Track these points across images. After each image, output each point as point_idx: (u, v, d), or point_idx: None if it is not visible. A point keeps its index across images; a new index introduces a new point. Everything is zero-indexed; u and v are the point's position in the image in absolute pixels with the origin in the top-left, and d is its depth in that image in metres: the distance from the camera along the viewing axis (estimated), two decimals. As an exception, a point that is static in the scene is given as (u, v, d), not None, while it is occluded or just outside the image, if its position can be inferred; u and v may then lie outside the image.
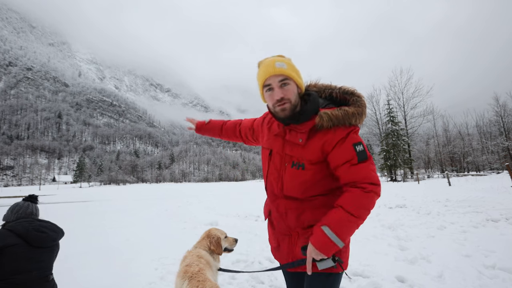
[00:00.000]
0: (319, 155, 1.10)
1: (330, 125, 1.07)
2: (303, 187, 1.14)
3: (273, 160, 1.22)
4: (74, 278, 3.16)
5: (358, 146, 1.07)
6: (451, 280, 2.61)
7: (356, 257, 3.36)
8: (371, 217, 6.25)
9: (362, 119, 1.12)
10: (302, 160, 1.13)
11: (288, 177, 1.16)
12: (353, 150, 1.06)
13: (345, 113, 1.07)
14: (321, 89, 1.21)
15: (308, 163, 1.12)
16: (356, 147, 1.07)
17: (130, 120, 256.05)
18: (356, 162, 1.06)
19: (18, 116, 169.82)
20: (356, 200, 1.02)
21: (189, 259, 1.70)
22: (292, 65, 1.12)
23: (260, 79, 1.13)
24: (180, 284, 1.51)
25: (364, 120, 1.14)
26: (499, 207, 6.23)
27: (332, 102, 1.17)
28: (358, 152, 1.06)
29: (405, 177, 27.34)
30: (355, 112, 1.09)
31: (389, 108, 29.40)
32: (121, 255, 4.08)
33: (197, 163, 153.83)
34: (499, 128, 30.51)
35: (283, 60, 1.10)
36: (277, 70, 1.07)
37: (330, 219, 1.03)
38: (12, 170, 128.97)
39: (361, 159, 1.06)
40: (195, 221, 7.00)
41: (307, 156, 1.12)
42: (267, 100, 1.17)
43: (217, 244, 1.98)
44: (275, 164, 1.21)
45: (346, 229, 1.02)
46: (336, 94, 1.18)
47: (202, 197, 16.27)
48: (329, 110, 1.09)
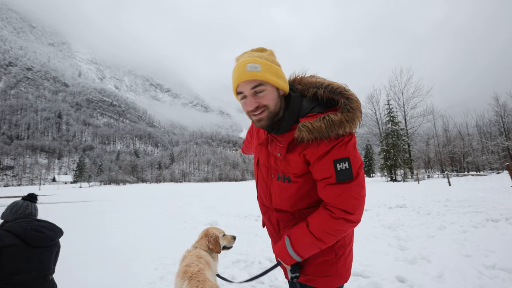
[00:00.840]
0: (303, 167, 0.98)
1: (311, 138, 0.91)
2: (292, 201, 1.04)
3: (261, 170, 1.14)
4: (74, 278, 3.16)
5: (340, 163, 0.90)
6: (451, 280, 2.61)
7: (356, 257, 3.35)
8: (371, 217, 6.25)
9: (355, 125, 0.92)
10: (287, 173, 1.01)
11: (275, 190, 1.07)
12: (332, 168, 0.91)
13: (330, 123, 0.88)
14: (306, 87, 1.02)
15: (293, 176, 1.01)
16: (337, 165, 0.90)
17: (130, 120, 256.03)
18: (333, 181, 0.91)
19: (18, 116, 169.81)
20: (321, 223, 0.94)
21: (188, 259, 1.70)
22: (268, 64, 0.91)
23: (233, 85, 0.96)
24: (180, 284, 1.51)
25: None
26: (499, 207, 6.23)
27: (318, 104, 0.98)
28: (338, 171, 0.90)
29: (405, 177, 27.33)
30: (342, 120, 0.89)
31: (389, 108, 29.39)
32: (121, 255, 4.08)
33: (197, 163, 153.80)
34: (499, 128, 30.51)
35: (256, 60, 0.90)
36: (248, 74, 0.89)
37: (293, 233, 1.01)
38: (12, 170, 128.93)
39: (340, 179, 0.90)
40: (195, 221, 7.00)
41: (290, 170, 1.00)
42: (243, 107, 0.99)
43: (215, 243, 1.99)
44: (263, 175, 1.13)
45: (304, 247, 0.98)
46: (321, 94, 0.97)
47: (202, 197, 16.27)
48: (310, 119, 0.92)
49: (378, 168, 36.81)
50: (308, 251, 0.99)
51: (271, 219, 1.14)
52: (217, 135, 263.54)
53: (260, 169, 1.14)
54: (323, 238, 0.95)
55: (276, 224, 1.12)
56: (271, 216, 1.13)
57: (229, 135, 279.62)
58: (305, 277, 1.06)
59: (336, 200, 0.92)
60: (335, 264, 1.04)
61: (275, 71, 0.93)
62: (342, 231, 0.95)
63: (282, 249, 1.03)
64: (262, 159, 1.12)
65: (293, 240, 0.99)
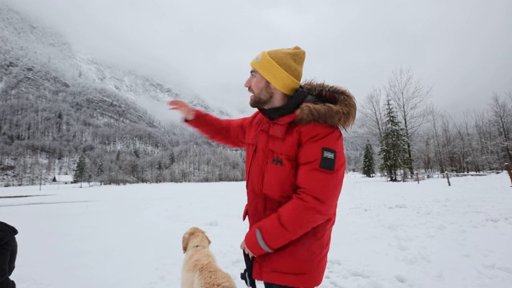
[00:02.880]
0: (295, 148, 1.03)
1: (310, 119, 0.99)
2: (281, 185, 1.06)
3: (257, 157, 1.16)
4: (74, 278, 3.17)
5: (328, 152, 0.96)
6: (450, 280, 2.62)
7: (356, 257, 3.37)
8: (371, 217, 6.26)
9: (349, 121, 1.02)
10: (281, 155, 1.06)
11: (268, 174, 1.09)
12: (320, 153, 0.96)
13: (328, 109, 0.99)
14: (313, 87, 1.16)
15: (285, 158, 1.04)
16: (325, 152, 0.96)
17: (130, 120, 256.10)
18: (316, 166, 0.96)
19: (19, 116, 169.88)
20: (293, 214, 0.97)
21: (196, 256, 1.71)
22: (267, 60, 1.08)
23: None
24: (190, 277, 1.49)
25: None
26: (499, 207, 6.24)
27: (320, 100, 1.09)
28: (323, 158, 0.96)
29: (405, 177, 27.34)
30: (339, 110, 1.00)
31: (389, 108, 29.40)
32: (121, 255, 4.08)
33: (197, 163, 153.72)
34: (499, 128, 30.53)
35: (263, 54, 1.10)
36: (252, 61, 1.14)
37: (264, 224, 1.03)
38: (12, 170, 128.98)
39: (322, 166, 0.95)
40: (195, 221, 7.00)
41: (284, 150, 1.05)
42: None
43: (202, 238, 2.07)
44: (258, 161, 1.15)
45: (275, 238, 1.00)
46: (325, 93, 1.12)
47: (202, 197, 16.27)
48: (312, 104, 1.03)
49: (378, 168, 36.81)
50: (278, 243, 1.01)
51: (258, 206, 1.14)
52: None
53: (256, 156, 1.17)
54: (294, 230, 0.98)
55: (262, 212, 1.12)
56: (259, 204, 1.14)
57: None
58: (275, 274, 1.04)
59: (312, 185, 0.96)
60: (311, 262, 1.03)
61: (269, 67, 1.08)
62: (312, 222, 0.98)
63: (253, 240, 1.05)
64: (262, 144, 1.15)
65: (264, 233, 1.02)
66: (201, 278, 1.42)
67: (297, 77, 1.11)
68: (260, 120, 1.28)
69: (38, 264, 3.72)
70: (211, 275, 1.42)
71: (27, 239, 5.32)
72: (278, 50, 1.11)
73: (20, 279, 2.99)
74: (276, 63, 1.07)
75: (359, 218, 6.23)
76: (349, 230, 4.92)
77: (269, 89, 1.11)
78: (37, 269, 3.48)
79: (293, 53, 1.10)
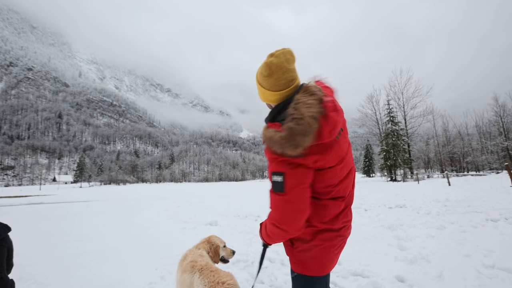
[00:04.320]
0: None
1: (265, 143, 0.97)
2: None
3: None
4: (74, 278, 3.17)
5: (276, 176, 0.95)
6: (450, 280, 2.62)
7: (356, 257, 3.37)
8: (371, 217, 6.26)
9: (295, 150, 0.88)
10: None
11: None
12: (271, 178, 0.99)
13: (270, 138, 0.93)
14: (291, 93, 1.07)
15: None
16: (273, 176, 0.96)
17: (130, 120, 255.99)
18: (271, 190, 1.00)
19: (19, 116, 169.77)
20: (269, 229, 1.11)
21: (191, 257, 1.70)
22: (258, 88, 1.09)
23: None
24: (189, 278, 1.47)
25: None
26: (499, 207, 6.24)
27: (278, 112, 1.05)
28: (273, 182, 0.97)
29: (405, 177, 27.33)
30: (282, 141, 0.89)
31: (389, 108, 29.38)
32: (121, 255, 4.08)
33: (197, 163, 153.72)
34: (499, 128, 30.51)
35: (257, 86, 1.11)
36: None
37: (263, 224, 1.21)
38: (12, 170, 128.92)
39: (274, 190, 0.97)
40: (195, 221, 7.00)
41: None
42: None
43: (215, 252, 1.95)
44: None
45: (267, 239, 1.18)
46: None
47: (202, 197, 16.27)
48: (266, 126, 1.00)
49: (378, 168, 36.79)
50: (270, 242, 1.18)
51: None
52: (217, 135, 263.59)
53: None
54: (273, 239, 1.12)
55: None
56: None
57: (229, 135, 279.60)
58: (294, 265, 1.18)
59: (272, 209, 1.04)
60: (291, 251, 1.16)
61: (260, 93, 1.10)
62: (278, 236, 1.06)
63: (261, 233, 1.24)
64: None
65: (262, 229, 1.21)
66: (203, 277, 1.41)
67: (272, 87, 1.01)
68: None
69: (38, 264, 3.72)
70: (213, 274, 1.41)
71: (27, 239, 5.32)
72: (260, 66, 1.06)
73: (20, 279, 2.99)
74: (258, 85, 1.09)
75: (359, 218, 6.23)
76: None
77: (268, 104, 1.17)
78: (37, 269, 3.48)
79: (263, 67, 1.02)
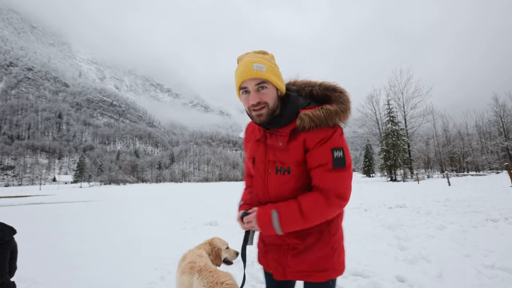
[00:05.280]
0: (302, 154, 1.04)
1: (312, 126, 1.00)
2: (292, 192, 1.07)
3: (257, 168, 1.15)
4: (74, 278, 3.17)
5: (337, 151, 0.99)
6: (450, 280, 2.62)
7: (356, 257, 3.36)
8: (371, 217, 6.25)
9: (347, 116, 1.03)
10: (287, 164, 1.05)
11: (274, 184, 1.08)
12: (330, 155, 0.98)
13: (328, 113, 0.99)
14: (301, 87, 1.13)
15: (294, 166, 1.05)
16: (334, 153, 0.99)
17: (130, 120, 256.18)
18: (330, 168, 0.98)
19: (19, 116, 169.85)
20: (314, 206, 0.99)
21: (190, 257, 1.69)
22: (271, 66, 1.02)
23: (237, 81, 1.03)
24: (188, 280, 1.46)
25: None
26: (499, 207, 6.24)
27: (314, 100, 1.08)
28: (334, 158, 0.98)
29: (405, 177, 27.33)
30: (338, 110, 1.01)
31: (389, 108, 29.40)
32: (121, 255, 4.08)
33: (197, 163, 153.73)
34: (499, 128, 30.54)
35: (261, 61, 1.00)
36: (254, 73, 0.98)
37: (282, 208, 1.02)
38: (12, 170, 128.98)
39: (336, 166, 0.98)
40: (195, 221, 7.00)
41: (291, 158, 1.04)
42: (243, 103, 1.07)
43: (216, 255, 1.91)
44: (260, 172, 1.13)
45: (291, 224, 1.01)
46: (317, 91, 1.08)
47: (202, 197, 16.28)
48: (310, 110, 1.01)
49: (378, 168, 36.80)
50: (291, 228, 1.02)
51: None
52: (217, 135, 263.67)
53: (256, 167, 1.15)
54: (312, 220, 1.00)
55: None
56: None
57: (229, 135, 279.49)
58: (301, 274, 1.08)
59: (331, 186, 0.99)
60: (331, 258, 1.07)
61: (277, 74, 1.05)
62: (331, 215, 1.03)
63: (265, 221, 1.03)
64: (259, 155, 1.14)
65: (282, 216, 1.01)
66: (202, 278, 1.41)
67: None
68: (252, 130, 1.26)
69: (38, 264, 3.72)
70: (212, 274, 1.41)
71: (27, 239, 5.32)
72: (258, 54, 1.05)
73: (20, 279, 2.99)
74: (276, 67, 1.06)
75: (359, 218, 6.23)
76: (349, 230, 4.91)
77: (277, 96, 1.07)
78: (37, 269, 3.49)
79: (272, 56, 1.08)
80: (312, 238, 1.07)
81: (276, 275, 1.14)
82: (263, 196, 1.13)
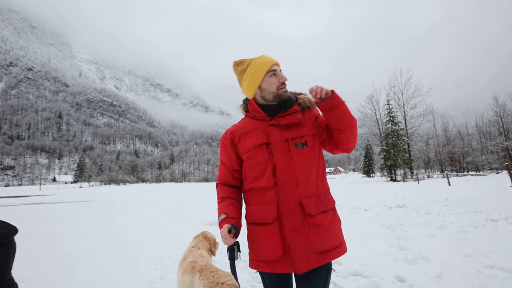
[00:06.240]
0: (313, 125, 1.28)
1: (308, 106, 1.32)
2: (310, 166, 1.20)
3: (276, 152, 1.18)
4: (74, 278, 3.17)
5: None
6: (450, 280, 2.62)
7: (356, 257, 3.36)
8: (371, 217, 6.25)
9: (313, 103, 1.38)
10: (304, 137, 1.22)
11: (298, 159, 1.18)
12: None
13: (309, 100, 1.35)
14: None
15: (310, 137, 1.23)
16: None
17: (130, 120, 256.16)
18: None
19: (19, 116, 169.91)
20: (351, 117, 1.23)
21: (191, 257, 1.70)
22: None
23: (264, 67, 1.23)
24: (189, 280, 1.47)
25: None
26: (499, 207, 6.24)
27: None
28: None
29: (405, 177, 27.33)
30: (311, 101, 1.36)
31: (389, 108, 29.38)
32: (121, 255, 4.08)
33: (197, 163, 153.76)
34: (499, 128, 30.55)
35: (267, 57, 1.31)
36: (276, 61, 1.27)
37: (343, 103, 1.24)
38: (12, 170, 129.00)
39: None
40: (195, 221, 7.00)
41: (306, 131, 1.24)
42: (269, 85, 1.23)
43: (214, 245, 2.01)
44: (281, 153, 1.18)
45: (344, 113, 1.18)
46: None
47: (202, 197, 16.27)
48: (301, 96, 1.35)
49: (378, 168, 36.78)
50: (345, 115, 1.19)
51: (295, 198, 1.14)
52: (217, 135, 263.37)
53: (275, 151, 1.20)
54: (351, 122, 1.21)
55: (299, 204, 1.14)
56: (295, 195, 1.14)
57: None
58: (322, 256, 1.13)
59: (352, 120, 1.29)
60: (341, 232, 1.25)
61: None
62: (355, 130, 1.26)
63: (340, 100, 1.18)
64: (275, 137, 1.22)
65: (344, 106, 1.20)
66: (203, 278, 1.41)
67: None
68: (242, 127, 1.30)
69: (38, 264, 3.72)
70: (213, 275, 1.41)
71: (27, 239, 5.32)
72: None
73: (20, 279, 2.98)
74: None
75: (359, 218, 6.23)
76: (349, 230, 4.91)
77: None
78: (37, 269, 3.48)
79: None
80: (330, 214, 1.20)
81: (301, 266, 1.10)
82: (291, 177, 1.15)
